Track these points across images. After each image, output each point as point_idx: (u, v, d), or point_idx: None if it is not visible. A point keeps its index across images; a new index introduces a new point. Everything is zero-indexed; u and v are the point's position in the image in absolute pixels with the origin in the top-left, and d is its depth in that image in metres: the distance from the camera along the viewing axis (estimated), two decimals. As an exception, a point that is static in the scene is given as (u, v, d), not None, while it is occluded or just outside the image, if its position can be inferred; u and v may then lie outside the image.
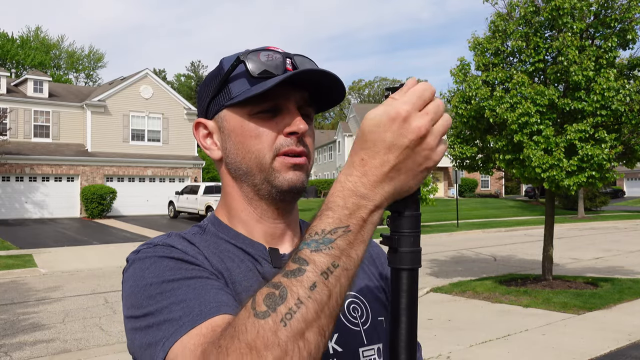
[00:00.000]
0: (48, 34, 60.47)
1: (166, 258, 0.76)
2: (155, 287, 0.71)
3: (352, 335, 0.86)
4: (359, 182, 0.62)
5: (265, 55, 0.83)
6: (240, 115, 0.85)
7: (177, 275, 0.73)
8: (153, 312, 0.69)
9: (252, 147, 0.84)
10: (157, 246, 0.79)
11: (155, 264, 0.75)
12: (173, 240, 0.81)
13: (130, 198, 27.37)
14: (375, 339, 0.88)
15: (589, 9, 8.57)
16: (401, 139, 0.61)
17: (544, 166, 8.29)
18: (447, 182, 42.73)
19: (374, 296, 0.93)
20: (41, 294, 9.82)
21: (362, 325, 0.88)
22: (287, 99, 0.83)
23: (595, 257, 14.12)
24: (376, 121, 0.61)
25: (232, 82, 0.85)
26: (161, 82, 30.35)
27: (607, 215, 29.74)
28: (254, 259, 0.84)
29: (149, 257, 0.77)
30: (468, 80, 9.19)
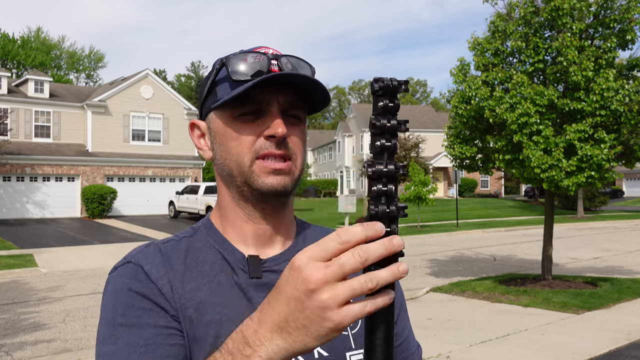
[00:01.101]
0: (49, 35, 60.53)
1: (125, 290, 0.80)
2: (107, 328, 0.78)
3: (338, 339, 0.85)
4: (252, 329, 0.60)
5: (249, 57, 0.82)
6: (224, 118, 0.86)
7: (129, 319, 0.77)
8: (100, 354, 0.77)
9: (232, 149, 0.85)
10: (129, 264, 0.83)
11: (116, 296, 0.80)
12: (147, 256, 0.84)
13: (131, 198, 27.39)
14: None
15: (589, 9, 8.59)
16: (292, 289, 0.55)
17: (543, 166, 8.31)
18: (446, 182, 42.74)
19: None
20: (42, 293, 9.84)
21: (351, 329, 0.88)
22: (269, 102, 0.83)
23: (594, 256, 14.14)
24: (286, 269, 0.57)
25: (218, 85, 0.86)
26: (161, 83, 30.36)
27: (606, 215, 29.75)
28: (232, 268, 0.85)
29: (116, 282, 0.82)
30: (468, 81, 9.20)
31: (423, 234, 20.25)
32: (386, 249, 0.54)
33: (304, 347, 0.57)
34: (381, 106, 0.58)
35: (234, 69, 0.82)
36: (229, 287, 0.83)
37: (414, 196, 20.30)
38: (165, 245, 0.87)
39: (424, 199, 20.32)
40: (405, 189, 21.00)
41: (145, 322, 0.77)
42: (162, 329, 0.77)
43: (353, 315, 0.54)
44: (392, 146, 0.58)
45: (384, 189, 0.57)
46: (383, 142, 0.57)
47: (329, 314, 0.54)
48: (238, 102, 0.83)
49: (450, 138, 10.09)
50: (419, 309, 8.14)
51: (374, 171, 0.57)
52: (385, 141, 0.57)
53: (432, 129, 42.85)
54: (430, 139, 40.47)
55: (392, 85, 0.58)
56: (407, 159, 34.50)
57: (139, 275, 0.81)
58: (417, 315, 7.59)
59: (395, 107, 0.58)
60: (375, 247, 0.53)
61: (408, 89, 0.60)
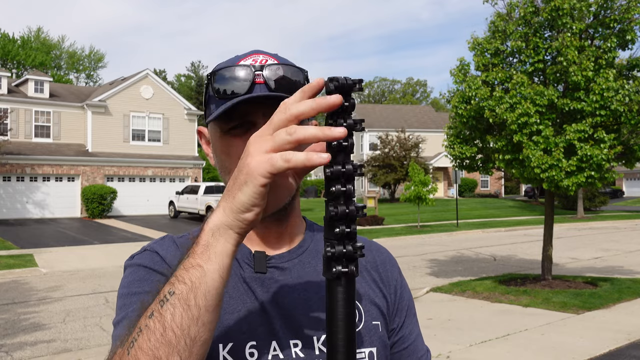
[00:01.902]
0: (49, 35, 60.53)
1: (142, 267, 0.85)
2: (122, 298, 0.82)
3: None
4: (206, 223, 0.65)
5: (233, 71, 0.83)
6: (216, 131, 0.87)
7: (143, 288, 0.81)
8: (115, 323, 0.80)
9: (224, 163, 0.87)
10: (145, 252, 0.89)
11: (132, 274, 0.85)
12: (162, 245, 0.89)
13: (131, 198, 27.40)
14: (367, 343, 0.88)
15: (589, 9, 8.59)
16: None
17: (543, 166, 8.31)
18: (446, 182, 42.74)
19: (370, 300, 0.93)
20: (42, 293, 9.84)
21: None
22: (256, 115, 0.83)
23: (594, 256, 14.14)
24: None
25: (210, 99, 0.87)
26: (161, 83, 30.36)
27: (606, 215, 29.75)
28: (238, 262, 0.87)
29: (132, 265, 0.87)
30: (468, 81, 9.20)
31: (423, 234, 20.25)
32: (322, 132, 0.56)
33: (234, 199, 0.61)
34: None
35: (217, 86, 0.84)
36: (235, 280, 0.85)
37: (414, 196, 20.31)
38: (179, 239, 0.91)
39: (424, 199, 20.32)
40: (405, 189, 21.00)
41: (158, 289, 0.79)
42: None
43: (276, 159, 0.58)
44: (349, 146, 0.58)
45: (343, 189, 0.57)
46: (340, 142, 0.57)
47: (248, 159, 0.60)
48: (225, 117, 0.84)
49: (450, 138, 10.09)
50: (419, 309, 8.11)
51: (332, 172, 0.57)
52: (342, 141, 0.57)
53: (432, 129, 42.85)
54: (430, 139, 40.47)
55: (346, 85, 0.58)
56: (407, 159, 34.51)
57: (154, 258, 0.86)
58: (418, 315, 7.59)
59: (351, 107, 0.58)
60: (309, 128, 0.57)
61: (362, 88, 0.60)
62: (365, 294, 0.93)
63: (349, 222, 0.58)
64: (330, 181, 0.58)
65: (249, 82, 0.81)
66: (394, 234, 19.67)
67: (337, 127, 0.56)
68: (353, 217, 0.58)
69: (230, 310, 0.82)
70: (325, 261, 0.60)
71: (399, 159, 35.02)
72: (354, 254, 0.59)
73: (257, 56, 0.87)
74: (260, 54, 0.88)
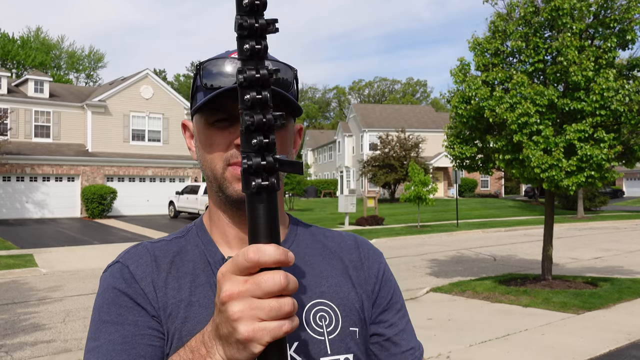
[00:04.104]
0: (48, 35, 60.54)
1: (111, 290, 0.85)
2: (94, 325, 0.83)
3: (313, 344, 0.84)
4: (208, 331, 0.64)
5: (222, 63, 0.82)
6: (201, 123, 0.87)
7: (112, 316, 0.82)
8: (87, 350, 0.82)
9: (207, 156, 0.87)
10: (117, 265, 0.88)
11: (103, 294, 0.86)
12: (134, 257, 0.88)
13: (131, 198, 27.39)
14: (343, 349, 0.86)
15: (589, 9, 8.59)
16: (217, 299, 0.59)
17: (543, 166, 8.31)
18: (446, 182, 42.74)
19: (349, 305, 0.90)
20: (42, 293, 9.84)
21: (328, 334, 0.86)
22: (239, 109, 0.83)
23: (594, 257, 14.14)
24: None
25: (198, 90, 0.86)
26: (161, 82, 30.36)
27: (606, 215, 29.75)
28: (212, 270, 0.87)
29: (104, 285, 0.87)
30: (468, 81, 9.20)
31: (423, 234, 20.24)
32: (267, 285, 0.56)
33: (234, 357, 0.59)
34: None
35: (206, 76, 0.82)
36: (208, 287, 0.85)
37: (414, 196, 20.31)
38: (154, 245, 0.91)
39: (424, 199, 20.32)
40: (405, 189, 21.00)
41: (126, 319, 0.81)
42: (141, 328, 0.81)
43: (267, 331, 0.55)
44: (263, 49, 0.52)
45: (258, 96, 0.53)
46: (253, 44, 0.53)
47: (238, 326, 0.56)
48: (211, 109, 0.83)
49: (450, 138, 10.09)
50: (419, 309, 8.14)
51: (245, 77, 0.53)
52: (254, 44, 0.52)
53: (432, 129, 42.85)
54: (430, 139, 40.47)
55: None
56: (407, 159, 34.51)
57: (124, 274, 0.86)
58: (417, 315, 7.59)
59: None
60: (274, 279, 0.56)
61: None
62: (344, 298, 0.90)
63: (267, 132, 0.54)
64: (244, 89, 0.53)
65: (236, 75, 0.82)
66: (394, 234, 19.67)
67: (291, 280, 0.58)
68: (271, 126, 0.54)
69: (202, 320, 0.81)
70: (243, 175, 0.56)
71: (399, 159, 35.02)
72: (273, 166, 0.55)
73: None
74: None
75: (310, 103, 79.18)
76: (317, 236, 0.99)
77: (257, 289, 0.55)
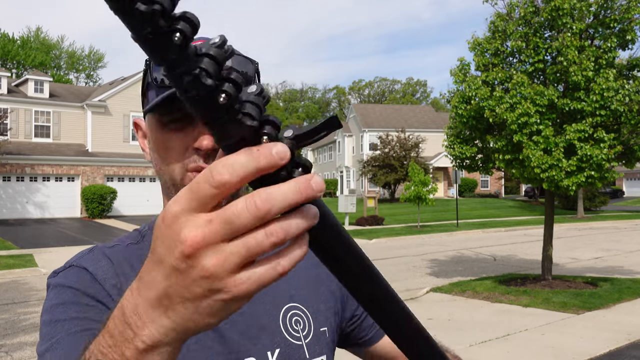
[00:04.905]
0: (48, 35, 60.56)
1: (68, 289, 0.75)
2: (47, 326, 0.73)
3: (294, 350, 0.83)
4: (132, 305, 0.42)
5: None
6: (155, 123, 0.79)
7: (70, 314, 0.72)
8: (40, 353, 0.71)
9: (163, 159, 0.79)
10: (71, 268, 0.79)
11: (57, 296, 0.76)
12: (91, 259, 0.79)
13: (131, 198, 27.40)
14: (318, 352, 0.86)
15: (589, 9, 8.59)
16: (168, 254, 0.38)
17: (543, 166, 8.31)
18: (446, 182, 42.74)
19: (317, 306, 0.90)
20: (42, 293, 9.83)
21: (305, 338, 0.85)
22: None
23: (594, 257, 14.14)
24: (158, 221, 0.40)
25: (149, 88, 0.79)
26: (161, 82, 30.36)
27: (606, 215, 29.75)
28: None
29: (57, 286, 0.77)
30: (468, 81, 9.21)
31: (423, 234, 20.24)
32: (300, 193, 0.37)
33: (197, 326, 0.40)
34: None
35: (156, 74, 0.76)
36: None
37: (414, 196, 20.31)
38: (111, 250, 0.82)
39: (424, 199, 20.33)
40: (405, 189, 21.00)
41: (88, 316, 0.72)
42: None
43: (257, 281, 0.38)
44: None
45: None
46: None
47: (219, 285, 0.38)
48: (164, 108, 0.76)
49: (450, 138, 10.09)
50: (419, 309, 8.13)
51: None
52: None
53: (432, 129, 42.85)
54: (430, 139, 40.47)
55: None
56: (407, 159, 34.51)
57: (83, 276, 0.77)
58: (417, 315, 7.53)
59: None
60: (283, 192, 0.37)
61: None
62: (312, 299, 0.90)
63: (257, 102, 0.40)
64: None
65: None
66: (394, 234, 19.67)
67: (315, 178, 0.38)
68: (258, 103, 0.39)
69: None
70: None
71: (399, 159, 35.02)
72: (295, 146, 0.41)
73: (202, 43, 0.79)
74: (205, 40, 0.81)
75: (310, 103, 79.19)
76: None
77: (229, 229, 0.36)
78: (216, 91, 0.37)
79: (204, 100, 0.37)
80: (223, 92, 0.37)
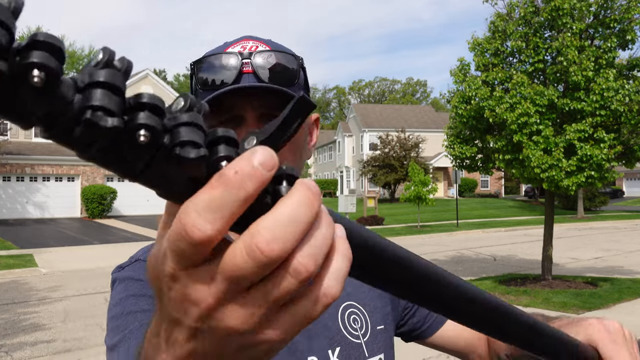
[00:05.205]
0: (48, 34, 60.59)
1: (136, 281, 0.75)
2: (117, 319, 0.71)
3: (353, 349, 0.82)
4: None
5: (218, 60, 0.74)
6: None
7: (141, 304, 0.71)
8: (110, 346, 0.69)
9: None
10: (138, 262, 0.79)
11: (126, 289, 0.74)
12: None
13: (131, 198, 27.40)
14: (376, 350, 0.85)
15: (589, 9, 8.59)
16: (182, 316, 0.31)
17: (543, 166, 8.32)
18: (446, 182, 42.75)
19: (374, 304, 0.89)
20: (42, 293, 9.84)
21: (363, 336, 0.85)
22: (243, 108, 0.75)
23: (594, 257, 14.14)
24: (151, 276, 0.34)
25: (197, 93, 0.78)
26: (161, 83, 30.40)
27: (606, 215, 29.75)
28: None
29: (125, 279, 0.76)
30: (468, 81, 9.21)
31: (423, 234, 20.25)
32: (311, 206, 0.29)
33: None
34: None
35: (201, 77, 0.76)
36: None
37: (414, 196, 20.32)
38: None
39: (424, 199, 20.33)
40: (405, 189, 21.01)
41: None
42: None
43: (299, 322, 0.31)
44: None
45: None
46: None
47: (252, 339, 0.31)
48: (211, 111, 0.74)
49: (450, 138, 10.10)
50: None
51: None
52: None
53: (432, 129, 42.87)
54: (430, 139, 40.49)
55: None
56: (407, 159, 34.52)
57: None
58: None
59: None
60: (288, 216, 0.28)
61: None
62: (368, 297, 0.89)
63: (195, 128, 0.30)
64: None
65: (235, 72, 0.73)
66: (394, 234, 19.67)
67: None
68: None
69: None
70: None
71: (399, 159, 35.04)
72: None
73: (246, 42, 0.78)
74: (251, 40, 0.79)
75: (310, 103, 79.02)
76: None
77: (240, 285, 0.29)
78: (128, 130, 0.26)
79: (116, 150, 0.26)
80: (139, 126, 0.26)
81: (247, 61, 0.73)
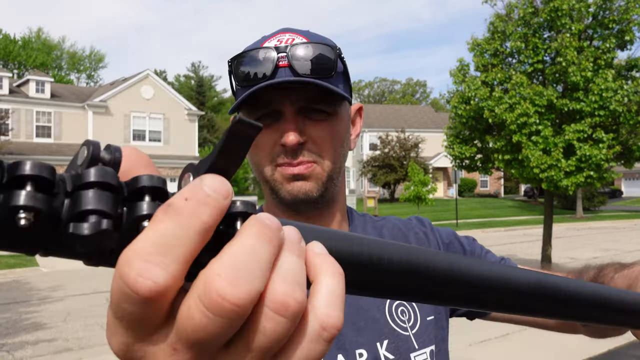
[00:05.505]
0: (49, 35, 60.55)
1: None
2: None
3: (402, 341, 0.80)
4: None
5: (255, 55, 0.74)
6: None
7: None
8: None
9: (254, 157, 0.80)
10: None
11: None
12: None
13: (131, 198, 27.44)
14: (427, 342, 0.83)
15: (587, 10, 8.63)
16: None
17: (542, 166, 8.35)
18: (446, 182, 42.78)
19: None
20: (43, 293, 9.87)
21: (411, 329, 0.83)
22: (282, 102, 0.75)
23: (593, 256, 14.17)
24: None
25: (236, 89, 0.80)
26: (162, 83, 30.42)
27: (605, 215, 29.78)
28: None
29: None
30: (467, 81, 9.25)
31: (423, 234, 20.26)
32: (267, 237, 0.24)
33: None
34: None
35: (238, 73, 0.75)
36: None
37: (414, 196, 20.35)
38: None
39: (423, 198, 20.36)
40: (405, 188, 21.04)
41: None
42: None
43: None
44: None
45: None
46: None
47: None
48: (249, 106, 0.76)
49: (449, 138, 10.13)
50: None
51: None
52: None
53: (432, 129, 42.89)
54: (430, 139, 40.51)
55: None
56: (407, 159, 34.56)
57: None
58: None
59: None
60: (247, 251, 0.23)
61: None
62: None
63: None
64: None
65: (271, 66, 0.72)
66: (393, 234, 19.68)
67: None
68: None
69: None
70: None
71: (398, 159, 35.06)
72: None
73: (282, 36, 0.77)
74: (287, 33, 0.78)
75: (310, 103, 79.03)
76: (376, 222, 0.93)
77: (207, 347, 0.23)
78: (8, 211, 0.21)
79: (7, 236, 0.21)
80: (15, 209, 0.21)
81: (283, 55, 0.73)
